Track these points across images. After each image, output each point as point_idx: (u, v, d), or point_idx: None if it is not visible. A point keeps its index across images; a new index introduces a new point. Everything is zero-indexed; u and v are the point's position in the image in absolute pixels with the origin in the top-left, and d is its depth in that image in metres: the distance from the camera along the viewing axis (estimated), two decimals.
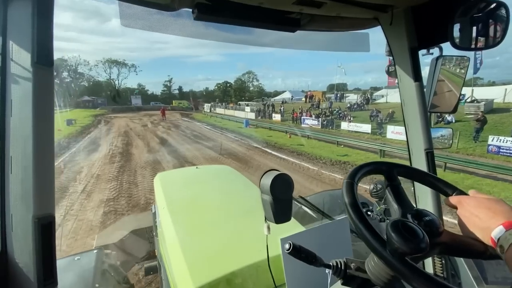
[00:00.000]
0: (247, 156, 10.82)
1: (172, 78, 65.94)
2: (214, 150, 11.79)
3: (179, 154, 11.01)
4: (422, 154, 0.98)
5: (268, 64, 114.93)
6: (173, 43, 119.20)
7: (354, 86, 41.13)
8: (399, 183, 0.61)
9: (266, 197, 0.75)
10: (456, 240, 0.53)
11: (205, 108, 40.93)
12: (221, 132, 18.70)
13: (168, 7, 0.81)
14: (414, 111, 0.98)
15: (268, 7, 0.86)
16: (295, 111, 23.65)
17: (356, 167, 0.60)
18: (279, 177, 0.75)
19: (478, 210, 0.51)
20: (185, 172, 2.57)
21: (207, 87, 72.74)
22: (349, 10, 0.90)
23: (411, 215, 0.53)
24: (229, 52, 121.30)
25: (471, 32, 0.86)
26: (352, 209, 0.51)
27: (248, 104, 35.51)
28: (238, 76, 66.13)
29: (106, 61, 55.89)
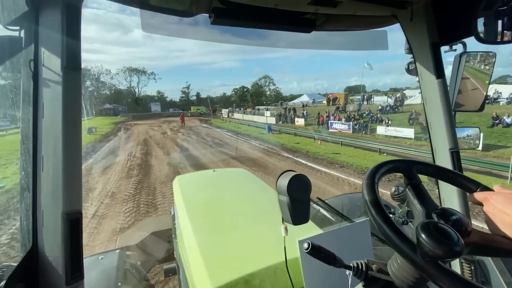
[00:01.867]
0: (281, 170, 9.89)
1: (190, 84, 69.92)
2: (240, 161, 11.14)
3: (203, 167, 10.38)
4: (447, 154, 0.97)
5: (283, 68, 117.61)
6: (190, 51, 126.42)
7: (372, 88, 40.11)
8: (420, 181, 0.61)
9: (283, 198, 0.78)
10: (486, 239, 0.53)
11: (223, 114, 42.20)
12: (244, 139, 18.60)
13: (185, 13, 0.91)
14: (438, 109, 0.98)
15: (283, 9, 0.93)
16: (321, 115, 23.27)
17: (374, 167, 0.60)
18: (296, 177, 0.77)
19: (506, 206, 0.51)
20: (203, 175, 2.72)
21: (224, 93, 75.79)
22: (366, 8, 0.95)
23: (436, 214, 0.53)
24: (244, 58, 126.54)
25: (497, 25, 0.86)
26: (375, 210, 0.50)
27: (268, 109, 35.87)
28: (255, 80, 68.58)
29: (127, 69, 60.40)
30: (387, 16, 1.02)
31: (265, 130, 22.32)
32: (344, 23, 1.04)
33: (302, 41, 1.08)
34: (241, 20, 0.93)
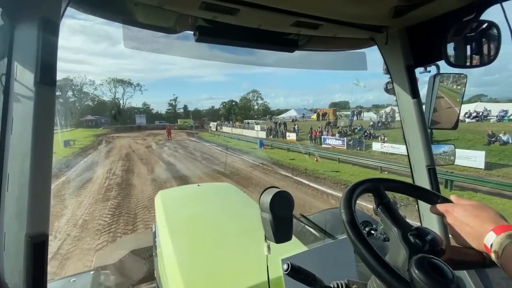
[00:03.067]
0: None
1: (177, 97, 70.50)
2: (235, 181, 10.27)
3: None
4: (424, 171, 1.04)
5: (270, 83, 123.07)
6: (178, 64, 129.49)
7: (355, 104, 42.66)
8: (389, 200, 0.64)
9: (265, 215, 0.79)
10: (458, 253, 0.57)
11: (212, 127, 42.42)
12: (236, 155, 18.08)
13: (170, 30, 0.95)
14: (414, 128, 1.07)
15: (267, 29, 1.01)
16: (314, 130, 23.65)
17: (348, 194, 0.62)
18: (279, 194, 0.79)
19: (467, 219, 0.56)
20: (186, 190, 2.70)
21: (212, 106, 77.23)
22: (345, 31, 1.04)
23: (413, 236, 0.55)
24: (232, 72, 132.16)
25: (466, 50, 0.97)
26: (363, 246, 0.51)
27: (257, 123, 36.40)
28: (243, 95, 71.18)
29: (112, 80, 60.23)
30: (365, 39, 1.12)
31: (256, 144, 22.30)
32: (326, 44, 1.13)
33: (285, 60, 1.16)
34: (225, 38, 0.98)
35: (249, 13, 0.87)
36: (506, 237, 0.48)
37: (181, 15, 0.91)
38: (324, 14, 0.90)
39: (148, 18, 0.93)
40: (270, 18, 0.92)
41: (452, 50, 1.01)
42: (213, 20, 0.93)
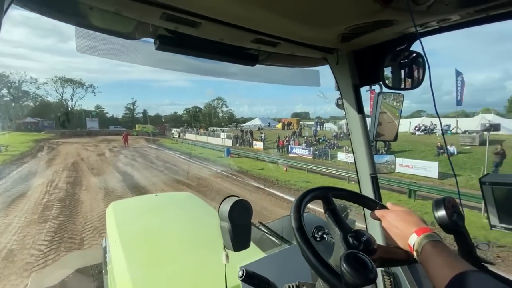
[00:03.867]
0: (258, 206, 8.26)
1: (136, 101, 66.64)
2: (204, 195, 9.60)
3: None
4: (368, 179, 1.20)
5: (235, 92, 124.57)
6: (139, 67, 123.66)
7: (315, 115, 46.10)
8: (336, 206, 0.74)
9: (224, 224, 0.83)
10: (387, 252, 0.67)
11: (174, 134, 41.00)
12: (203, 164, 17.26)
13: (128, 36, 0.94)
14: (359, 140, 1.23)
15: (228, 43, 1.08)
16: (281, 139, 24.16)
17: (298, 200, 0.70)
18: (238, 203, 0.83)
19: (397, 222, 0.68)
20: (142, 200, 2.59)
21: (175, 111, 75.07)
22: (301, 50, 1.16)
23: (351, 237, 0.64)
24: (196, 78, 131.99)
25: (400, 74, 1.16)
26: (305, 245, 0.59)
27: (223, 130, 36.29)
28: (207, 101, 70.81)
29: (59, 79, 54.68)
30: (319, 58, 1.26)
31: (223, 153, 21.95)
32: (284, 60, 1.24)
33: (247, 73, 1.23)
34: (186, 49, 1.01)
35: (210, 27, 0.93)
36: (424, 238, 0.60)
37: (141, 22, 0.93)
38: (281, 34, 1.00)
39: (104, 23, 0.92)
40: (232, 33, 0.99)
41: (390, 73, 1.20)
42: (175, 30, 0.97)
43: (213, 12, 0.84)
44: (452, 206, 0.72)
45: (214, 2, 0.78)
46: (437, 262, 0.54)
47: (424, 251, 0.58)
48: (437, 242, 0.58)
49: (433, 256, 0.55)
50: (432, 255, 0.56)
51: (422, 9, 0.77)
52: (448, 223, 0.69)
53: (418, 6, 0.75)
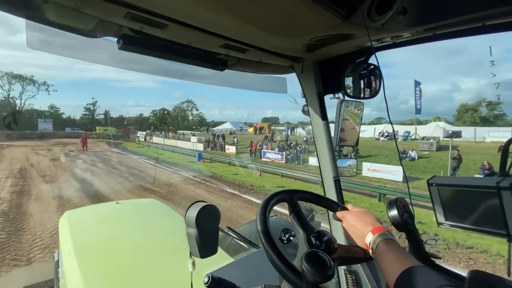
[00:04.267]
0: (235, 214, 8.06)
1: (97, 101, 62.13)
2: (176, 204, 8.74)
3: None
4: (331, 182, 1.27)
5: (205, 95, 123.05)
6: (101, 65, 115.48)
7: (284, 120, 47.69)
8: (300, 208, 0.78)
9: (191, 230, 0.82)
10: (347, 251, 0.72)
11: (140, 137, 39.13)
12: (172, 170, 16.26)
13: (88, 33, 0.89)
14: (323, 145, 1.30)
15: (197, 47, 1.07)
16: (253, 143, 24.23)
17: (264, 202, 0.73)
18: (205, 208, 0.83)
19: (356, 222, 0.73)
20: (101, 208, 2.42)
21: (141, 113, 71.79)
22: (269, 57, 1.20)
23: (314, 237, 0.68)
24: (164, 79, 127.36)
25: (360, 84, 1.25)
26: (268, 243, 0.62)
27: (194, 134, 35.57)
28: (177, 104, 68.90)
29: (5, 74, 49.11)
30: (286, 66, 1.31)
31: (194, 157, 21.36)
32: (252, 66, 1.28)
33: (215, 77, 1.24)
34: (152, 50, 0.98)
35: (177, 29, 0.91)
36: (378, 236, 0.66)
37: (103, 20, 0.89)
38: (249, 41, 1.03)
39: (61, 18, 0.86)
40: (200, 37, 0.99)
41: (351, 83, 1.30)
42: (140, 30, 0.94)
43: (180, 15, 0.83)
44: (404, 206, 0.79)
45: (182, 5, 0.78)
46: (389, 258, 0.59)
47: (378, 248, 0.63)
48: (389, 240, 0.64)
49: (385, 253, 0.61)
50: (385, 252, 0.61)
51: (377, 26, 0.86)
52: (400, 221, 0.77)
53: (373, 23, 0.83)
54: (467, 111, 36.35)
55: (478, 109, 35.08)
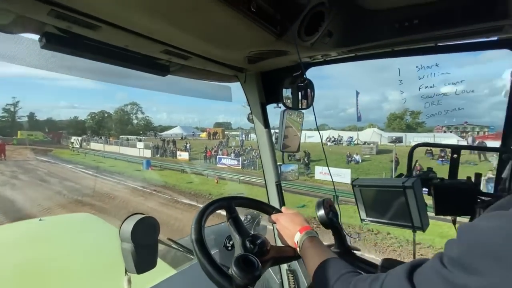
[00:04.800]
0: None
1: (19, 101, 53.23)
2: (119, 219, 7.41)
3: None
4: (274, 186, 1.36)
5: (152, 97, 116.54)
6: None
7: (237, 125, 48.65)
8: (237, 214, 0.81)
9: (126, 245, 0.78)
10: (279, 251, 0.78)
11: (74, 143, 34.78)
12: (116, 180, 14.39)
13: (2, 29, 0.80)
14: (266, 152, 1.38)
15: (135, 51, 1.04)
16: (208, 149, 23.62)
17: (201, 210, 0.75)
18: (142, 221, 0.80)
19: (287, 223, 0.80)
20: (20, 227, 2.09)
21: (75, 116, 63.82)
22: (213, 66, 1.22)
23: (248, 241, 0.72)
24: (107, 77, 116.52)
25: (298, 96, 1.37)
26: (199, 248, 0.64)
27: (140, 139, 33.24)
28: (119, 106, 63.21)
29: None
30: (231, 75, 1.36)
31: (141, 165, 19.56)
32: (197, 73, 1.28)
33: (156, 83, 1.21)
34: (83, 51, 0.90)
35: (112, 31, 0.86)
36: (304, 234, 0.73)
37: (22, 15, 0.80)
38: (191, 50, 1.04)
39: None
40: (138, 42, 0.95)
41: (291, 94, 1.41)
42: (68, 30, 0.87)
43: (113, 18, 0.80)
44: (330, 206, 0.90)
45: (115, 9, 0.75)
46: (310, 253, 0.67)
47: (303, 245, 0.71)
48: (313, 237, 0.72)
49: (308, 249, 0.69)
50: (308, 248, 0.69)
51: (307, 45, 0.97)
52: (326, 220, 0.87)
53: (304, 42, 0.94)
54: (396, 119, 42.03)
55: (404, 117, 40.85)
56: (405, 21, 0.92)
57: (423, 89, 1.45)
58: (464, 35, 0.96)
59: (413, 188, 0.93)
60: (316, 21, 0.87)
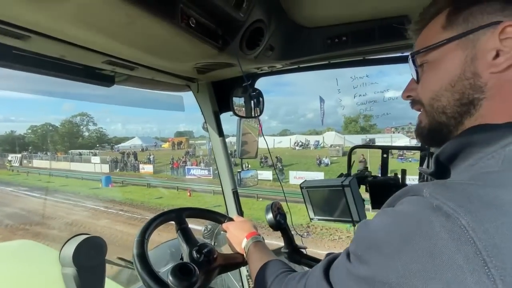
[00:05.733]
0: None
1: None
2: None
3: None
4: (231, 194, 1.39)
5: (104, 107, 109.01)
6: None
7: (199, 134, 48.12)
8: (187, 225, 0.83)
9: (68, 270, 0.73)
10: (227, 258, 0.81)
11: (12, 161, 30.75)
12: (72, 202, 12.45)
13: None
14: (222, 160, 1.42)
15: (73, 61, 0.99)
16: (175, 160, 22.72)
17: (147, 223, 0.75)
18: (85, 242, 0.75)
19: (236, 231, 0.84)
20: None
21: (11, 131, 56.60)
22: (162, 76, 1.22)
23: (195, 250, 0.74)
24: (46, 89, 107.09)
25: (250, 104, 1.44)
26: (140, 263, 0.65)
27: (96, 153, 30.71)
28: (66, 118, 58.44)
29: None
30: (182, 85, 1.37)
31: (99, 183, 17.66)
32: (145, 84, 1.27)
33: (102, 95, 1.17)
34: (12, 63, 0.85)
35: (44, 42, 0.82)
36: (250, 240, 0.77)
37: None
38: (136, 60, 1.03)
39: None
40: (76, 53, 0.91)
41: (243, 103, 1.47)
42: None
43: (45, 29, 0.76)
44: (278, 209, 0.96)
45: (46, 20, 0.72)
46: (254, 257, 0.71)
47: (249, 251, 0.75)
48: (257, 242, 0.76)
49: (252, 254, 0.73)
50: (252, 252, 0.73)
51: (251, 58, 1.03)
52: (274, 223, 0.93)
53: (247, 55, 1.00)
54: (351, 122, 45.32)
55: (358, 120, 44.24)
56: (335, 37, 1.05)
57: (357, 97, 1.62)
58: (386, 50, 1.11)
59: (350, 187, 1.04)
60: (256, 36, 0.94)
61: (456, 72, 0.44)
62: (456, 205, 0.31)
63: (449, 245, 0.29)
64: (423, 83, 0.50)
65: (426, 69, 0.50)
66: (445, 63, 0.46)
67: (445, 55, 0.46)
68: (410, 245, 0.31)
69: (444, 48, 0.46)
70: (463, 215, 0.29)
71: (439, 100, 0.47)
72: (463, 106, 0.44)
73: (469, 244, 0.28)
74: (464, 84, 0.43)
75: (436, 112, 0.48)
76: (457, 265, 0.28)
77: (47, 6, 0.58)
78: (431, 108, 0.49)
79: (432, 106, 0.48)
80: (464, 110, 0.44)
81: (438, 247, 0.29)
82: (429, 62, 0.49)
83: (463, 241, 0.28)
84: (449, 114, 0.46)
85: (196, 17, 0.76)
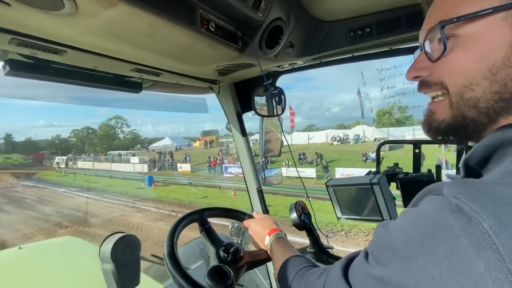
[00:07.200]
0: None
1: None
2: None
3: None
4: (256, 193, 1.40)
5: (134, 110, 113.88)
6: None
7: (224, 133, 48.35)
8: (210, 225, 0.85)
9: (107, 266, 0.80)
10: (252, 255, 0.82)
11: (60, 163, 33.70)
12: (122, 202, 12.46)
13: None
14: (246, 159, 1.43)
15: (104, 71, 1.06)
16: (212, 158, 22.81)
17: (172, 227, 0.78)
18: (122, 240, 0.81)
19: (258, 228, 0.85)
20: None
21: (57, 135, 62.13)
22: (186, 80, 1.26)
23: (222, 250, 0.76)
24: (80, 95, 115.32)
25: (272, 103, 1.43)
26: (172, 264, 0.68)
27: (135, 154, 32.63)
28: (102, 121, 62.00)
29: None
30: (205, 87, 1.40)
31: (142, 182, 17.91)
32: (171, 88, 1.32)
33: (131, 100, 1.24)
34: (51, 76, 0.92)
35: (79, 55, 0.88)
36: (273, 236, 0.78)
37: None
38: (161, 67, 1.08)
39: None
40: (107, 63, 0.98)
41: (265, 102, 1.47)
42: (34, 56, 0.89)
43: (78, 43, 0.83)
44: (302, 209, 0.95)
45: (78, 35, 0.78)
46: (277, 253, 0.71)
47: (272, 247, 0.76)
48: (280, 238, 0.77)
49: (275, 249, 0.73)
50: (275, 249, 0.74)
51: (271, 57, 1.02)
52: (298, 222, 0.92)
53: (267, 55, 0.99)
54: (384, 114, 42.77)
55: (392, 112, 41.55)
56: (358, 29, 1.00)
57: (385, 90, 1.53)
58: (415, 39, 1.04)
59: (379, 184, 0.99)
60: (275, 35, 0.93)
61: (499, 55, 0.34)
62: (479, 207, 0.27)
63: (469, 250, 0.26)
64: (447, 64, 0.39)
65: (455, 46, 0.38)
66: (484, 42, 0.35)
67: (486, 31, 0.35)
68: (427, 249, 0.29)
69: (486, 20, 0.34)
70: (486, 217, 0.26)
71: (472, 90, 0.36)
72: (502, 101, 0.35)
73: (491, 250, 0.25)
74: (509, 73, 0.34)
75: (465, 105, 0.38)
76: (477, 273, 0.25)
77: (78, 22, 0.63)
78: (459, 98, 0.38)
79: (461, 96, 0.38)
80: (502, 107, 0.35)
81: (457, 252, 0.27)
82: (460, 37, 0.37)
83: (484, 247, 0.25)
84: (482, 109, 0.37)
85: (216, 21, 0.78)
